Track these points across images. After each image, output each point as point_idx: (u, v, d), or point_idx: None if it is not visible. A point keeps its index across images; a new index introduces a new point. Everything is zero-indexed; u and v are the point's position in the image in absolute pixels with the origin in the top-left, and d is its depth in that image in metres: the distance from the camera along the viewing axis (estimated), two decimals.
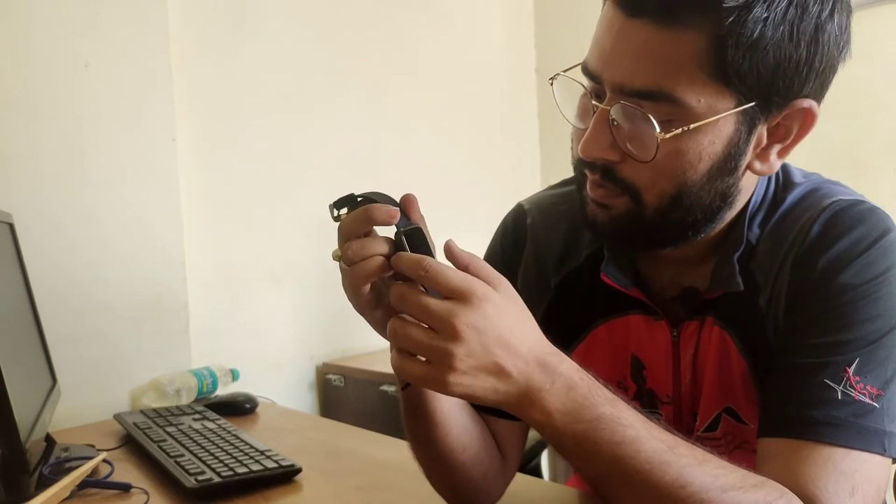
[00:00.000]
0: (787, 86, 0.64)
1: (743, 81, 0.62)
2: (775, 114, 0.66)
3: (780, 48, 0.61)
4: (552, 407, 0.58)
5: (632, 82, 0.64)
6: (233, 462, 1.04)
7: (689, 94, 0.63)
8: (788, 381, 0.68)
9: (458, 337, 0.54)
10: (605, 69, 0.66)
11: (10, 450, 0.92)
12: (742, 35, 0.60)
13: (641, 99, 0.64)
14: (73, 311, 1.42)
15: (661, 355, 0.80)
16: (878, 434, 0.64)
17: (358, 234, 0.61)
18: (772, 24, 0.60)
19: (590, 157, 0.68)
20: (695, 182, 0.67)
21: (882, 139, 1.83)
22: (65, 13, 1.41)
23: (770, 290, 0.72)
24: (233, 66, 1.73)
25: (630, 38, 0.63)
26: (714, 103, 0.63)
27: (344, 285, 0.64)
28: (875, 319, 0.67)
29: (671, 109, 0.63)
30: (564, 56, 0.73)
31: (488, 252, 0.91)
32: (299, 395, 1.86)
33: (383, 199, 0.62)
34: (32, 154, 1.38)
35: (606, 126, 0.66)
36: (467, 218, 2.15)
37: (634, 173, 0.68)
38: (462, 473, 0.77)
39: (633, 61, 0.64)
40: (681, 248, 0.74)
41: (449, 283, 0.56)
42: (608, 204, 0.70)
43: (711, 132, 0.65)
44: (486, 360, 0.56)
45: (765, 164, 0.70)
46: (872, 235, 0.69)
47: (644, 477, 0.58)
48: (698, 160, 0.66)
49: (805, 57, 0.63)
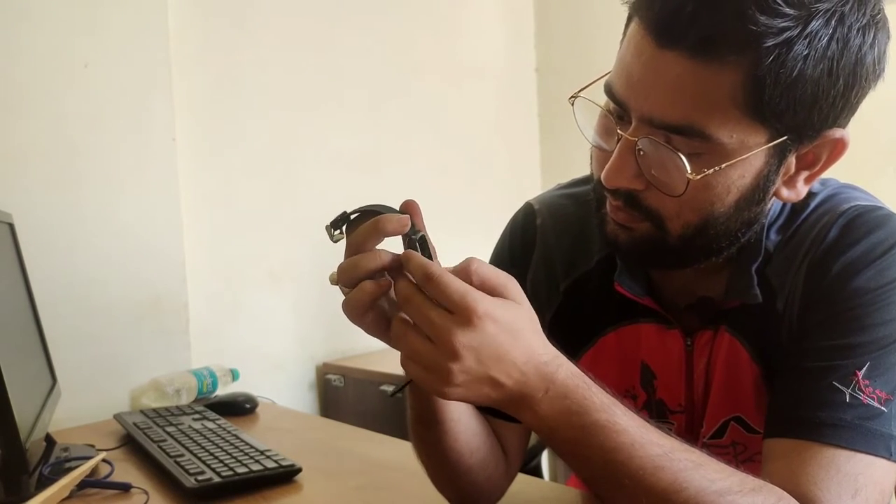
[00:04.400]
0: (822, 119, 0.63)
1: (779, 118, 0.61)
2: (806, 144, 0.65)
3: (818, 85, 0.59)
4: (545, 413, 0.59)
5: (661, 115, 0.62)
6: (233, 462, 1.04)
7: (721, 130, 0.61)
8: (797, 382, 0.67)
9: (455, 356, 0.55)
10: (632, 98, 0.64)
11: (10, 450, 0.92)
12: (781, 74, 0.58)
13: (671, 133, 0.62)
14: (73, 311, 1.42)
15: (673, 364, 0.79)
16: (885, 438, 0.64)
17: (369, 247, 0.60)
18: (812, 61, 0.58)
19: (613, 186, 0.67)
20: (721, 213, 0.66)
21: (882, 139, 1.83)
22: (65, 13, 1.41)
23: (786, 293, 0.72)
24: (233, 66, 1.73)
25: (662, 70, 0.61)
26: (746, 139, 0.62)
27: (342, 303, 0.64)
28: (888, 324, 0.66)
29: (702, 145, 0.62)
30: (564, 56, 0.72)
31: (496, 251, 0.90)
32: (299, 395, 1.86)
33: (385, 210, 0.61)
34: (32, 154, 1.38)
35: (632, 155, 0.65)
36: (467, 218, 2.15)
37: (659, 202, 0.66)
38: (468, 476, 0.77)
39: (664, 94, 0.62)
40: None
41: (451, 297, 0.55)
42: (630, 227, 0.69)
43: (742, 167, 0.63)
44: (482, 374, 0.56)
45: (792, 191, 0.69)
46: (889, 241, 0.69)
47: (638, 482, 0.58)
48: (727, 193, 0.65)
49: (842, 91, 0.61)
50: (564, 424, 0.59)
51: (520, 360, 0.57)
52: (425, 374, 0.57)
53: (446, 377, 0.56)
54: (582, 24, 2.34)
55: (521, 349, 0.57)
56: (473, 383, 0.56)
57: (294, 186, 1.84)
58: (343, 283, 0.61)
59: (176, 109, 1.57)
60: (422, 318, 0.56)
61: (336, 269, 0.61)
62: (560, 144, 2.43)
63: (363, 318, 0.61)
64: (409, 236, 0.60)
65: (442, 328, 0.55)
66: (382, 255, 0.59)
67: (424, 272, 0.56)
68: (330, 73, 1.91)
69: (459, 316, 0.55)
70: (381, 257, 0.59)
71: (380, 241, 0.60)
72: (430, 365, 0.56)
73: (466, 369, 0.55)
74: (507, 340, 0.56)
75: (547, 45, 2.46)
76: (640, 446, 0.58)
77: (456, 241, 1.62)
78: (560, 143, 2.43)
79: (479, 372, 0.56)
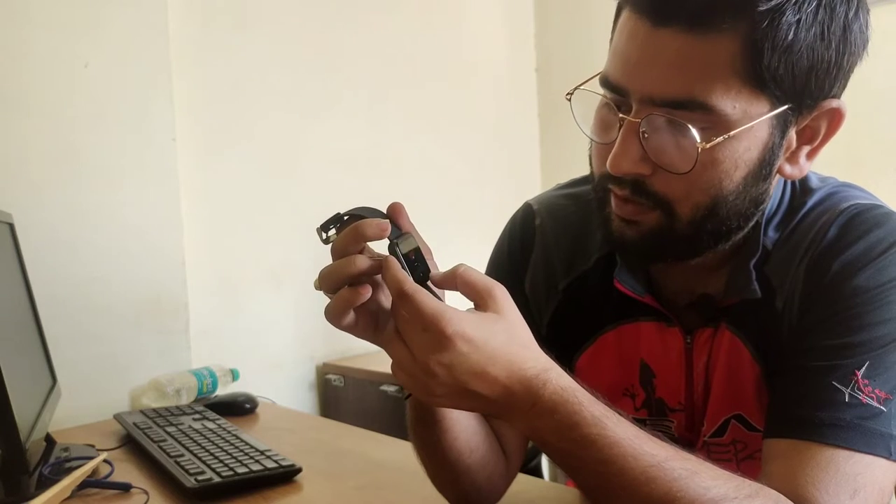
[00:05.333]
0: (819, 87, 0.63)
1: (778, 85, 0.62)
2: (805, 115, 0.66)
3: (812, 49, 0.61)
4: (534, 426, 0.59)
5: (663, 92, 0.62)
6: (233, 462, 1.04)
7: (724, 100, 0.61)
8: (796, 382, 0.67)
9: (429, 373, 0.56)
10: (631, 80, 0.64)
11: (10, 450, 0.92)
12: (777, 38, 0.59)
13: (674, 109, 0.62)
14: (73, 311, 1.42)
15: (673, 363, 0.79)
16: (885, 438, 0.63)
17: (350, 253, 0.60)
18: (804, 27, 0.60)
19: (620, 172, 0.66)
20: (731, 191, 0.66)
21: (882, 139, 1.83)
22: (65, 13, 1.41)
23: (786, 292, 0.72)
24: (233, 66, 1.73)
25: (659, 47, 0.62)
26: (749, 109, 0.62)
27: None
28: (887, 323, 0.66)
29: (705, 118, 0.62)
30: (564, 56, 0.72)
31: (495, 251, 0.90)
32: (299, 395, 1.86)
33: (371, 213, 0.61)
34: (32, 154, 1.38)
35: (636, 139, 0.64)
36: (467, 218, 2.15)
37: (667, 186, 0.66)
38: (468, 476, 0.77)
39: (663, 71, 0.62)
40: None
41: (422, 316, 0.55)
42: (637, 220, 0.69)
43: (747, 139, 0.64)
44: (460, 388, 0.57)
45: (795, 167, 0.69)
46: (888, 240, 0.69)
47: (632, 494, 0.58)
48: (734, 168, 0.65)
49: (835, 57, 0.62)
50: (555, 437, 0.59)
51: (501, 375, 0.57)
52: (411, 381, 0.58)
53: (427, 389, 0.57)
54: (582, 24, 2.34)
55: (501, 364, 0.57)
56: (454, 395, 0.58)
57: (294, 186, 1.84)
58: (324, 288, 0.61)
59: (176, 109, 1.57)
60: (403, 329, 0.57)
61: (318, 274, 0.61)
62: (560, 144, 2.43)
63: (342, 322, 0.61)
64: (391, 240, 0.60)
65: (417, 345, 0.56)
66: (359, 261, 0.59)
67: (398, 289, 0.56)
68: (330, 74, 1.91)
69: (431, 335, 0.55)
70: (358, 263, 0.59)
71: (361, 245, 0.60)
72: (413, 376, 0.57)
73: (443, 384, 0.56)
74: (481, 357, 0.56)
75: (547, 45, 2.46)
76: (633, 458, 0.58)
77: (455, 241, 1.62)
78: (560, 143, 2.43)
79: (457, 386, 0.57)
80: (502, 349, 0.57)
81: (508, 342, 0.58)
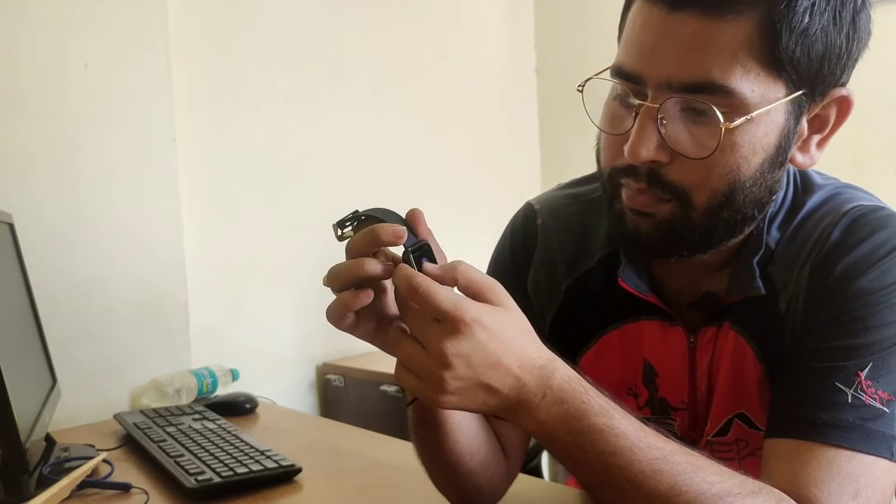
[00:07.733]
0: (831, 72, 0.64)
1: (795, 68, 0.62)
2: (817, 102, 0.66)
3: (826, 34, 0.62)
4: (542, 418, 0.58)
5: (680, 76, 0.62)
6: (233, 462, 1.04)
7: (743, 83, 0.61)
8: (799, 382, 0.67)
9: (446, 364, 0.55)
10: (647, 66, 0.64)
11: (10, 450, 0.92)
12: (794, 20, 0.60)
13: (692, 93, 0.62)
14: (73, 311, 1.41)
15: (676, 362, 0.79)
16: (887, 439, 0.63)
17: (364, 254, 0.60)
18: (818, 10, 0.61)
19: (638, 160, 0.64)
20: (748, 177, 0.66)
21: (882, 139, 1.83)
22: (65, 13, 1.41)
23: (789, 293, 0.72)
24: (233, 65, 1.73)
25: (676, 32, 0.62)
26: (766, 92, 0.62)
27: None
28: (890, 325, 0.66)
29: (724, 101, 0.62)
30: (564, 56, 0.72)
31: (497, 252, 0.90)
32: (299, 395, 1.86)
33: (388, 216, 0.61)
34: (32, 154, 1.38)
35: (654, 125, 0.64)
36: (467, 218, 2.15)
37: (684, 174, 0.65)
38: (469, 478, 0.77)
39: (681, 55, 0.62)
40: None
41: (439, 307, 0.55)
42: (652, 212, 0.68)
43: (765, 123, 0.64)
44: (475, 381, 0.56)
45: (806, 156, 0.69)
46: (892, 242, 0.69)
47: (637, 486, 0.58)
48: (752, 153, 0.65)
49: (845, 44, 0.63)
50: (562, 429, 0.58)
51: (514, 366, 0.57)
52: (419, 382, 0.57)
53: (439, 385, 0.56)
54: (582, 24, 2.34)
55: (514, 354, 0.57)
56: (468, 391, 0.56)
57: (294, 186, 1.84)
58: (332, 286, 0.61)
59: (176, 109, 1.57)
60: (414, 323, 0.57)
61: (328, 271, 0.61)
62: (560, 144, 2.43)
63: (342, 323, 0.62)
64: (406, 247, 0.59)
65: (432, 336, 0.55)
66: (369, 264, 0.59)
67: (408, 283, 0.56)
68: (330, 74, 1.91)
69: (448, 324, 0.55)
70: (367, 267, 0.59)
71: (375, 248, 0.60)
72: (423, 373, 0.56)
73: (458, 376, 0.55)
74: (498, 347, 0.56)
75: (547, 45, 2.46)
76: (639, 450, 0.58)
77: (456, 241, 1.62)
78: (560, 143, 2.43)
79: (472, 379, 0.56)
80: (515, 339, 0.57)
81: (519, 333, 0.58)
